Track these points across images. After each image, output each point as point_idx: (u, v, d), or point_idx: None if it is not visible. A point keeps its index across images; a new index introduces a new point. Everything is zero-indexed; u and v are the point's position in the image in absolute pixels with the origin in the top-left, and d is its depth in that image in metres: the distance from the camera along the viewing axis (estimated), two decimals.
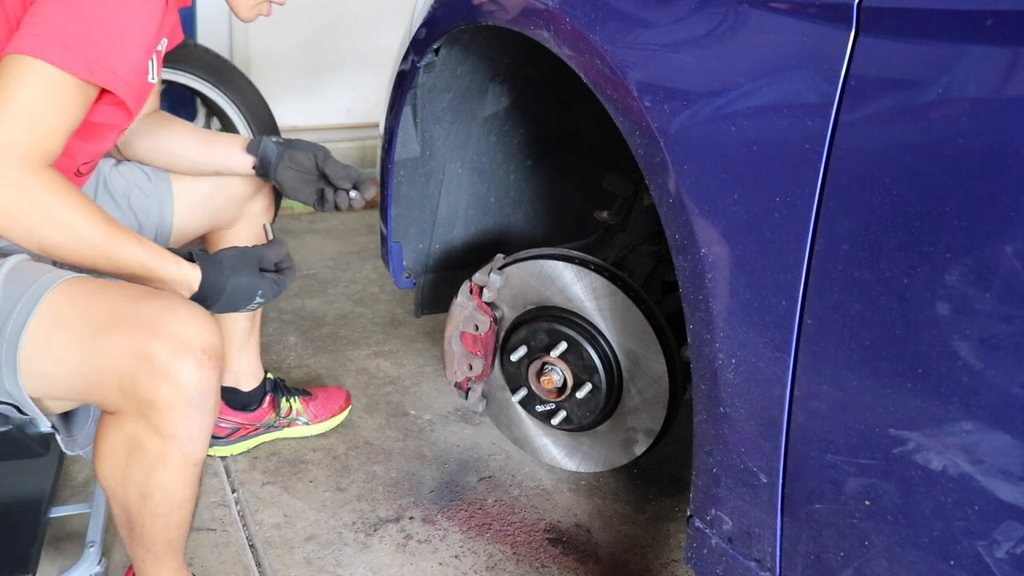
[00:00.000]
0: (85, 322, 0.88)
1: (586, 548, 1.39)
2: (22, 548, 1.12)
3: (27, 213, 0.88)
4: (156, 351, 0.86)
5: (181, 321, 0.89)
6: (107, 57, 0.92)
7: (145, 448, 0.91)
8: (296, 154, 1.33)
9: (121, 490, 0.97)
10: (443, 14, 1.29)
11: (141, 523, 0.99)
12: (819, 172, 0.75)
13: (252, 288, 1.06)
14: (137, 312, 0.89)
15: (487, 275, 1.37)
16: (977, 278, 0.66)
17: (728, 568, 0.93)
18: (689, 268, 0.88)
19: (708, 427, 0.92)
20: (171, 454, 0.91)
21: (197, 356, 0.88)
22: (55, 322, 0.88)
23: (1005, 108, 0.64)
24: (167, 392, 0.87)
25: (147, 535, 1.01)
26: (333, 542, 1.37)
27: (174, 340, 0.87)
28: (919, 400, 0.71)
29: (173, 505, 0.98)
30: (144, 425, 0.89)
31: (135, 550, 1.05)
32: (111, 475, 0.96)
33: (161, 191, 1.33)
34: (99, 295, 0.91)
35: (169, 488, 0.95)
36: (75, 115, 0.94)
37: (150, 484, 0.94)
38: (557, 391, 1.35)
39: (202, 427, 0.92)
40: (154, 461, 0.92)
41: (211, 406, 0.92)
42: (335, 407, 1.67)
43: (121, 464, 0.94)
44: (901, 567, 0.76)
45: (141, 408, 0.88)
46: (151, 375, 0.86)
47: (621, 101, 0.93)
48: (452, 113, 1.52)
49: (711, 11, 0.85)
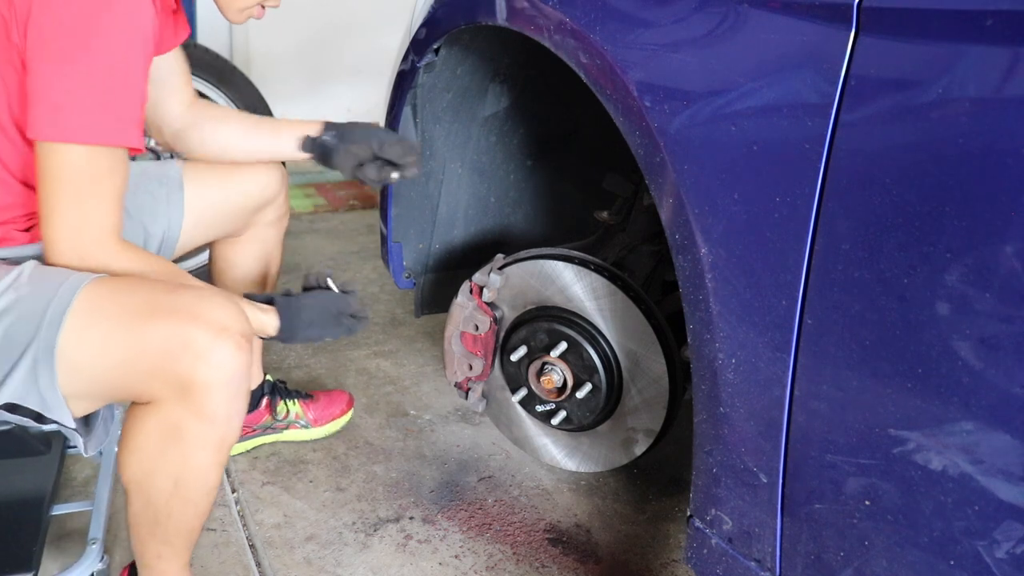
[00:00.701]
0: (124, 312, 0.91)
1: (586, 548, 1.39)
2: (24, 546, 1.12)
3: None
4: (196, 335, 0.90)
5: (217, 307, 0.93)
6: (124, 111, 0.95)
7: (183, 432, 0.93)
8: (353, 147, 1.33)
9: (151, 480, 0.97)
10: (443, 14, 1.29)
11: (168, 513, 1.00)
12: (819, 172, 0.75)
13: (323, 336, 1.13)
14: (174, 301, 0.93)
15: (487, 275, 1.37)
16: (977, 278, 0.66)
17: (728, 568, 0.93)
18: (689, 268, 0.88)
19: (708, 427, 0.92)
20: (209, 437, 0.94)
21: (235, 339, 0.92)
22: (94, 315, 0.91)
23: (1005, 108, 0.64)
24: (208, 373, 0.90)
25: (172, 526, 1.01)
26: (333, 542, 1.37)
27: (212, 324, 0.91)
28: (919, 400, 0.71)
29: (203, 491, 0.99)
30: (184, 408, 0.92)
31: (150, 546, 1.04)
32: (142, 466, 0.97)
33: (171, 197, 1.33)
34: (133, 289, 0.95)
35: (203, 473, 0.97)
36: (122, 176, 0.98)
37: (185, 469, 0.96)
38: (557, 391, 1.35)
39: (239, 409, 0.96)
40: (191, 445, 0.94)
41: (246, 389, 0.96)
42: (336, 411, 1.66)
43: (155, 452, 0.95)
44: (901, 567, 0.76)
45: (182, 391, 0.90)
46: (192, 358, 0.89)
47: (621, 101, 0.93)
48: (452, 113, 1.52)
49: (711, 11, 0.85)
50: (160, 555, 1.05)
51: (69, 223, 0.95)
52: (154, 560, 1.06)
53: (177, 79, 1.32)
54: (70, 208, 0.94)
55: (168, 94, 1.32)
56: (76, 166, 0.93)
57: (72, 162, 0.93)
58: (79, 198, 0.94)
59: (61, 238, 0.95)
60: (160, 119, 1.35)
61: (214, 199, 1.35)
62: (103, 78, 0.93)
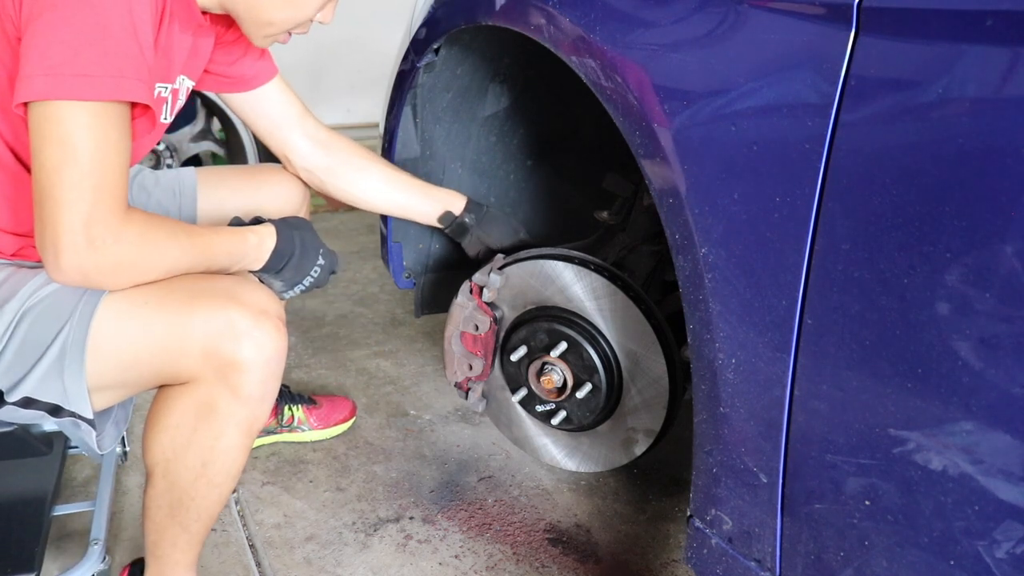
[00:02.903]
0: (164, 297, 0.93)
1: (586, 548, 1.39)
2: (26, 547, 1.12)
3: (129, 268, 0.92)
4: (238, 316, 0.93)
5: (255, 291, 0.98)
6: (122, 66, 0.86)
7: (217, 410, 0.95)
8: (485, 236, 1.43)
9: (179, 460, 0.99)
10: (443, 14, 1.29)
11: (192, 496, 1.01)
12: (819, 172, 0.75)
13: (316, 245, 1.14)
14: (213, 286, 0.96)
15: (487, 275, 1.37)
16: (977, 278, 0.66)
17: (728, 568, 0.93)
18: (689, 268, 0.88)
19: (708, 427, 0.92)
20: (241, 416, 0.96)
21: (274, 321, 0.96)
22: (132, 302, 0.92)
23: (1005, 108, 0.64)
24: (249, 352, 0.93)
25: (194, 509, 1.02)
26: (333, 542, 1.37)
27: (252, 307, 0.95)
28: (919, 400, 0.71)
29: (229, 474, 1.01)
30: (222, 387, 0.94)
31: (167, 532, 1.04)
32: (173, 444, 0.98)
33: (183, 209, 1.33)
34: (167, 279, 0.96)
35: (232, 454, 0.99)
36: (127, 140, 0.90)
37: (215, 449, 0.98)
38: (557, 391, 1.35)
39: (272, 391, 0.99)
40: (223, 423, 0.96)
41: (280, 373, 0.99)
42: (339, 417, 1.66)
43: (187, 432, 0.97)
44: (901, 567, 0.76)
45: (222, 370, 0.93)
46: (234, 337, 0.93)
47: (621, 101, 0.93)
48: (452, 113, 1.52)
49: (711, 11, 0.85)
50: (175, 543, 1.05)
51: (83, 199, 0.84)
52: (168, 549, 1.06)
53: (285, 112, 1.34)
54: (79, 181, 0.84)
55: (279, 126, 1.35)
56: (80, 126, 0.84)
57: (77, 123, 0.83)
58: (87, 170, 0.84)
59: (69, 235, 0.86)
60: (285, 153, 1.38)
61: (230, 212, 1.34)
62: (98, 30, 0.85)
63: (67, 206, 0.84)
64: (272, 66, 1.32)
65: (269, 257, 1.09)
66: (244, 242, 1.07)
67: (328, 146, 1.39)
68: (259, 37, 1.10)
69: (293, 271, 1.11)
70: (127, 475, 1.51)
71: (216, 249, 1.02)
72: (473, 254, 1.45)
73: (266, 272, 1.11)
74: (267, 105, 1.33)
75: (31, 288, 0.94)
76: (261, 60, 1.29)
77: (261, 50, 1.26)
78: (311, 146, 1.38)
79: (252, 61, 1.27)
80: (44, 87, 0.83)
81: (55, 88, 0.83)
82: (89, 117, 0.85)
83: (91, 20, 0.84)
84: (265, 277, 1.12)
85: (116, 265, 0.90)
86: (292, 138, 1.36)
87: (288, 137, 1.36)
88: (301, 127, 1.37)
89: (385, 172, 1.42)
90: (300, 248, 1.11)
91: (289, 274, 1.11)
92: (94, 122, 0.85)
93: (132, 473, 1.51)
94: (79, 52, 0.83)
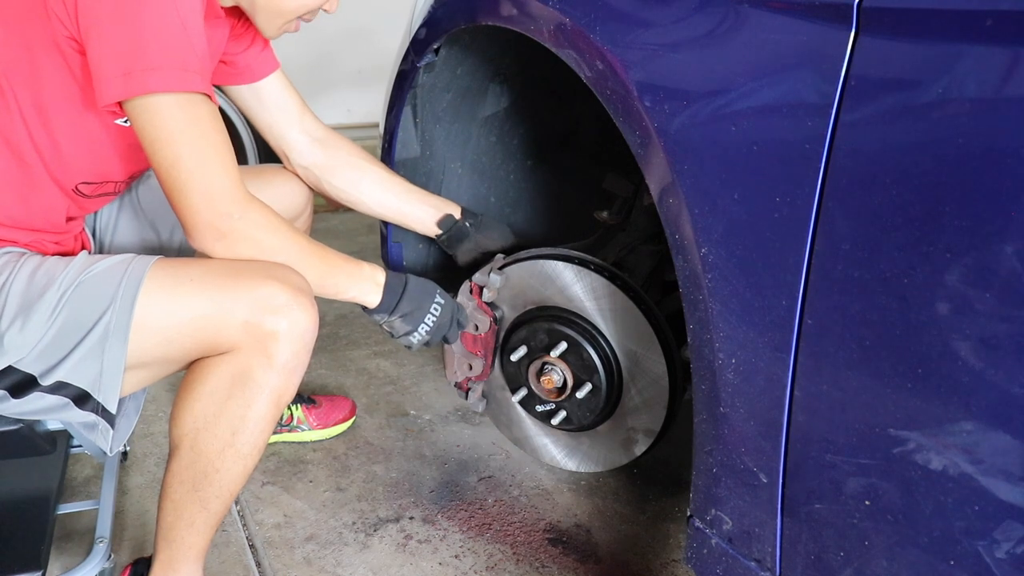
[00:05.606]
0: (207, 274, 1.00)
1: (586, 548, 1.39)
2: (32, 545, 1.12)
3: (250, 246, 1.03)
4: (278, 291, 0.99)
5: (291, 272, 1.04)
6: (187, 60, 0.94)
7: (254, 378, 0.99)
8: (485, 240, 1.45)
9: (208, 431, 1.00)
10: (443, 14, 1.29)
11: (217, 467, 1.02)
12: (819, 172, 0.75)
13: (430, 286, 1.25)
14: (251, 267, 1.02)
15: (487, 275, 1.37)
16: (977, 278, 0.66)
17: (728, 568, 0.93)
18: (689, 268, 0.88)
19: (708, 427, 0.92)
20: (275, 385, 1.01)
21: (309, 298, 1.02)
22: (177, 279, 0.99)
23: (1005, 108, 0.64)
24: (287, 324, 0.99)
25: (217, 483, 1.03)
26: (333, 542, 1.37)
27: (290, 285, 1.00)
28: (919, 400, 0.71)
29: (256, 446, 1.03)
30: (259, 356, 0.99)
31: (186, 510, 1.04)
32: (204, 414, 1.00)
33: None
34: (206, 261, 1.03)
35: (261, 425, 1.02)
36: (219, 122, 0.99)
37: (246, 419, 1.01)
38: (557, 391, 1.35)
39: (302, 364, 1.04)
40: (258, 392, 1.00)
41: (311, 346, 1.04)
42: (339, 416, 1.66)
43: (220, 399, 1.00)
44: (901, 567, 0.76)
45: (262, 339, 0.98)
46: (273, 310, 0.98)
47: (621, 101, 0.93)
48: (452, 113, 1.52)
49: (711, 11, 0.85)
50: (193, 523, 1.05)
51: (212, 179, 0.97)
52: (184, 531, 1.05)
53: (285, 106, 1.36)
54: (204, 164, 0.96)
55: (278, 121, 1.36)
56: (185, 116, 0.94)
57: (180, 113, 0.94)
58: (204, 154, 0.96)
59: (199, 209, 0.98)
60: (284, 149, 1.40)
61: None
62: (156, 33, 0.92)
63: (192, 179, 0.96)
64: (274, 59, 1.33)
65: (383, 291, 1.18)
66: (359, 266, 1.17)
67: (326, 144, 1.39)
68: (273, 28, 1.14)
69: (409, 304, 1.20)
70: (128, 476, 1.51)
71: (333, 260, 1.13)
72: (465, 262, 1.46)
73: (382, 312, 1.20)
74: (268, 98, 1.34)
75: (71, 274, 0.98)
76: (264, 52, 1.31)
77: (264, 42, 1.29)
78: (309, 143, 1.38)
79: (256, 52, 1.29)
80: (122, 86, 0.91)
81: (134, 85, 0.91)
82: (174, 106, 0.94)
83: (152, 20, 0.91)
84: (386, 321, 1.22)
85: (238, 240, 1.01)
86: (291, 134, 1.37)
87: (287, 132, 1.37)
88: (300, 123, 1.38)
89: (382, 175, 1.43)
90: (411, 283, 1.21)
91: (407, 307, 1.20)
92: (182, 108, 0.94)
93: (133, 474, 1.52)
94: (145, 49, 0.91)
